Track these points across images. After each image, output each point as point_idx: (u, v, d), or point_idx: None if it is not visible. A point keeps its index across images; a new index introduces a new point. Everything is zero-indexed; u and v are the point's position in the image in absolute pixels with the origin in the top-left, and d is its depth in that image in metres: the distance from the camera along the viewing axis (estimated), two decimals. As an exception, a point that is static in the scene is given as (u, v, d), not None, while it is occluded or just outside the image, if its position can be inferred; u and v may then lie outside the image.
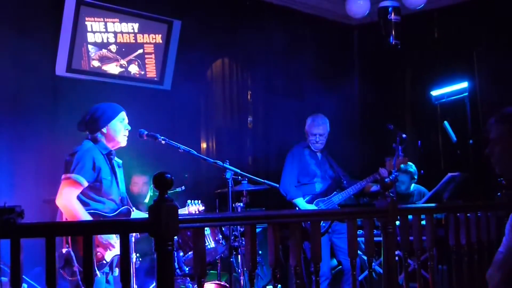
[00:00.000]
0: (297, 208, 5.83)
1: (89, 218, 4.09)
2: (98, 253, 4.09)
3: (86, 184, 4.19)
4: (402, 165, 6.31)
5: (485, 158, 2.91)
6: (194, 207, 5.31)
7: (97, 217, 4.17)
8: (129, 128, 4.49)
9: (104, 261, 4.15)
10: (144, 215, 4.51)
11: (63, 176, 4.24)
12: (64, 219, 4.16)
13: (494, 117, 2.85)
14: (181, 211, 5.31)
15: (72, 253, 3.99)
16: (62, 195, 4.17)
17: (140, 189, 6.32)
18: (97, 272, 4.06)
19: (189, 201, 5.34)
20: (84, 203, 4.20)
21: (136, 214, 4.55)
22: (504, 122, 2.80)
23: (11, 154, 5.84)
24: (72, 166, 4.20)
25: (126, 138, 4.49)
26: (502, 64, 6.75)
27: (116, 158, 4.53)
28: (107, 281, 4.26)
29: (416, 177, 6.95)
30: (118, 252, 4.06)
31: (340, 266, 6.07)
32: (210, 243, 5.24)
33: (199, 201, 5.38)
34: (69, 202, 4.14)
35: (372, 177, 5.89)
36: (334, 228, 5.85)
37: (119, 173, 4.50)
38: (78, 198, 4.20)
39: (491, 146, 2.85)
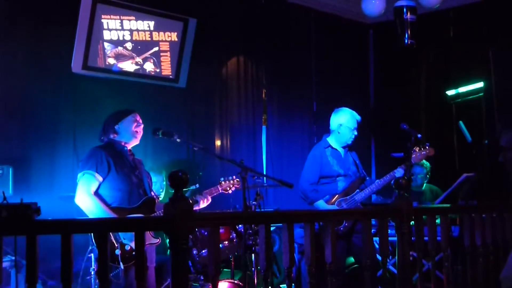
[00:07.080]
0: None
1: (107, 211, 4.20)
2: None
3: (100, 178, 4.29)
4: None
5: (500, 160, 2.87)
6: (227, 183, 5.04)
7: (120, 211, 4.25)
8: (141, 125, 4.55)
9: None
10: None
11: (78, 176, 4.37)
12: None
13: (505, 123, 2.81)
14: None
15: None
16: (77, 193, 4.31)
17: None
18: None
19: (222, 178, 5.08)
20: (105, 201, 4.28)
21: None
22: None
23: (27, 151, 5.89)
24: (83, 164, 4.35)
25: (140, 136, 4.56)
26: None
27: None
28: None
29: (429, 175, 6.96)
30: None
31: (357, 265, 6.01)
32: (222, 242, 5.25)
33: (234, 176, 4.99)
34: (84, 198, 4.26)
35: (400, 168, 5.74)
36: (355, 228, 5.73)
37: (141, 167, 4.59)
38: (99, 195, 4.30)
39: (504, 153, 2.81)
